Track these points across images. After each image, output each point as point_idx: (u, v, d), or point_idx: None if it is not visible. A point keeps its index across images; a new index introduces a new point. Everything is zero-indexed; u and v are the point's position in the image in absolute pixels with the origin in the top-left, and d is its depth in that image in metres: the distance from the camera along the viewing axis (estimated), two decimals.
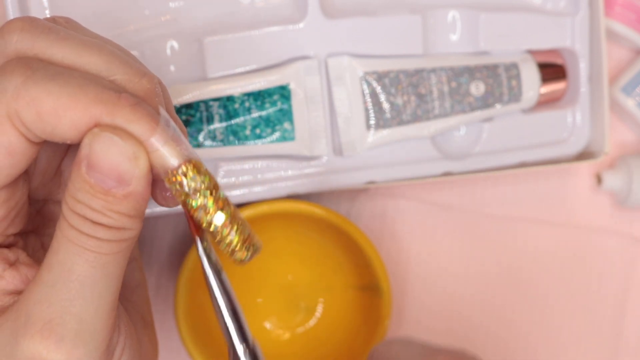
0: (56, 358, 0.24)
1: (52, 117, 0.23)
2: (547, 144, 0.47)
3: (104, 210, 0.24)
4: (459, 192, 0.50)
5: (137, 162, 0.24)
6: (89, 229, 0.24)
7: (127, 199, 0.24)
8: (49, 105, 0.23)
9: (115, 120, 0.24)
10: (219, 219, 0.26)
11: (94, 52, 0.25)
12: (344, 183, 0.44)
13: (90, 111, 0.24)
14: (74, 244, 0.24)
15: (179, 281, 0.43)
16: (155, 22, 0.41)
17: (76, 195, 0.24)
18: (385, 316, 0.44)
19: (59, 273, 0.24)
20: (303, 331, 0.49)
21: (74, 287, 0.24)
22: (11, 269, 0.26)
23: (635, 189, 0.48)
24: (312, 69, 0.42)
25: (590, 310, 0.51)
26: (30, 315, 0.24)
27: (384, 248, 0.49)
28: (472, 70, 0.45)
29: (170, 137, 0.25)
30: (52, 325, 0.24)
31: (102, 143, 0.24)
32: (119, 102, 0.24)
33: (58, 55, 0.25)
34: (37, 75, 0.24)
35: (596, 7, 0.45)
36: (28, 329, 0.24)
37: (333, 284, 0.48)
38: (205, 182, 0.25)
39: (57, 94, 0.23)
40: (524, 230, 0.50)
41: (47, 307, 0.24)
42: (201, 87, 0.41)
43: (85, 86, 0.24)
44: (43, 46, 0.25)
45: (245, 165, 0.42)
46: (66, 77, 0.24)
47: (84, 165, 0.24)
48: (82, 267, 0.24)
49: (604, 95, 0.45)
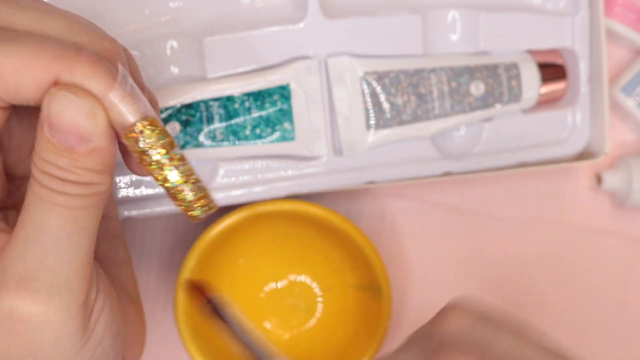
0: (33, 310, 0.25)
1: (13, 77, 0.24)
2: (547, 144, 0.47)
3: (70, 167, 0.24)
4: (459, 192, 0.50)
5: (95, 118, 0.24)
6: (58, 186, 0.25)
7: (91, 155, 0.25)
8: (9, 65, 0.24)
9: (74, 77, 0.24)
10: (174, 176, 0.26)
11: (54, 17, 0.26)
12: (344, 183, 0.44)
13: (50, 68, 0.24)
14: (45, 201, 0.25)
15: (179, 281, 0.43)
16: (155, 22, 0.41)
17: (42, 154, 0.24)
18: (385, 316, 0.44)
19: (31, 229, 0.25)
20: (303, 331, 0.48)
21: (46, 242, 0.25)
22: None
23: (635, 189, 0.48)
24: (312, 69, 0.42)
25: (590, 310, 0.51)
26: (6, 272, 0.25)
27: (384, 248, 0.49)
28: (472, 70, 0.45)
29: (128, 94, 0.25)
30: (27, 279, 0.25)
31: (58, 102, 0.24)
32: (78, 58, 0.24)
33: (19, 22, 0.25)
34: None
35: (596, 7, 0.45)
36: (4, 285, 0.25)
37: (333, 284, 0.48)
38: (160, 139, 0.25)
39: (16, 54, 0.24)
40: (524, 230, 0.50)
41: (22, 263, 0.25)
42: (201, 87, 0.41)
43: (45, 45, 0.24)
44: (4, 15, 0.25)
45: (245, 165, 0.42)
46: (25, 38, 0.24)
47: (45, 125, 0.24)
48: (54, 221, 0.25)
49: (604, 95, 0.45)
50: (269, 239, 0.47)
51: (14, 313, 0.25)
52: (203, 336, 0.45)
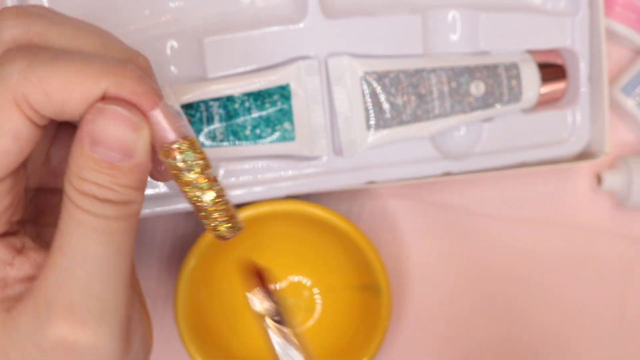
0: (83, 338, 0.25)
1: (61, 95, 0.24)
2: (547, 144, 0.47)
3: (110, 185, 0.24)
4: (459, 192, 0.50)
5: (141, 132, 0.24)
6: (98, 208, 0.24)
7: (133, 171, 0.25)
8: (57, 82, 0.23)
9: (122, 92, 0.24)
10: (208, 196, 0.26)
11: (89, 34, 0.26)
12: (344, 183, 0.44)
13: (99, 83, 0.24)
14: (85, 226, 0.24)
15: (179, 281, 0.43)
16: (155, 22, 0.41)
17: (81, 174, 0.24)
18: (385, 316, 0.44)
19: (73, 256, 0.25)
20: (303, 331, 0.48)
21: (90, 269, 0.25)
22: (20, 255, 0.26)
23: (635, 189, 0.48)
24: (312, 69, 0.42)
25: (590, 310, 0.51)
26: (51, 302, 0.25)
27: (384, 248, 0.49)
28: (472, 70, 0.45)
29: (170, 113, 0.25)
30: (74, 308, 0.25)
31: (107, 117, 0.24)
32: (125, 73, 0.24)
33: (55, 39, 0.25)
34: (41, 57, 0.24)
35: (596, 7, 0.45)
36: (51, 315, 0.25)
37: (333, 284, 0.48)
38: (198, 159, 0.26)
39: (64, 70, 0.23)
40: (524, 230, 0.50)
41: (67, 291, 0.25)
42: (201, 87, 0.41)
43: (90, 60, 0.24)
44: (39, 31, 0.25)
45: (245, 165, 0.42)
46: (69, 54, 0.24)
47: (87, 142, 0.24)
48: (95, 248, 0.25)
49: (604, 95, 0.45)
50: (269, 239, 0.47)
51: (64, 342, 0.25)
52: (203, 336, 0.45)
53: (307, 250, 0.48)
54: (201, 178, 0.26)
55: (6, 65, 0.24)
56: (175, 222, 0.48)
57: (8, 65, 0.24)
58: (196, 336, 0.44)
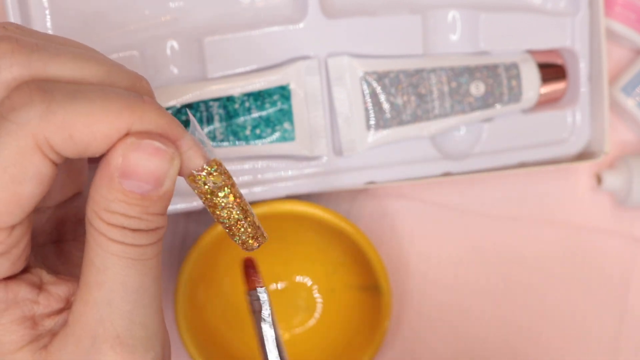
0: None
1: (85, 136, 0.23)
2: (547, 144, 0.47)
3: (140, 215, 0.24)
4: (459, 192, 0.50)
5: (174, 162, 0.24)
6: (131, 239, 0.24)
7: (161, 199, 0.25)
8: (81, 124, 0.23)
9: (149, 126, 0.24)
10: (238, 215, 0.27)
11: (91, 63, 0.25)
12: (344, 183, 0.44)
13: (123, 120, 0.23)
14: (120, 258, 0.24)
15: (179, 281, 0.43)
16: (155, 22, 0.41)
17: (109, 207, 0.24)
18: (385, 316, 0.44)
19: (112, 289, 0.25)
20: (303, 331, 0.49)
21: (132, 299, 0.25)
22: (42, 292, 0.26)
23: (635, 189, 0.48)
24: (312, 69, 0.42)
25: (590, 310, 0.51)
26: (97, 337, 0.25)
27: (384, 248, 0.49)
28: (472, 70, 0.45)
29: (194, 139, 0.25)
30: (121, 339, 0.25)
31: (142, 151, 0.24)
32: (145, 106, 0.24)
33: (57, 73, 0.24)
34: (58, 97, 0.23)
35: (596, 7, 0.45)
36: (99, 349, 0.25)
37: (333, 284, 0.48)
38: (224, 180, 0.26)
39: (86, 111, 0.23)
40: (524, 230, 0.50)
41: (111, 324, 0.25)
42: (201, 87, 0.41)
43: (108, 97, 0.24)
44: (39, 66, 0.24)
45: (245, 165, 0.42)
46: (85, 92, 0.23)
47: (116, 176, 0.24)
48: (134, 278, 0.25)
49: (604, 95, 0.45)
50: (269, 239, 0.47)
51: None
52: (203, 336, 0.45)
53: (307, 250, 0.48)
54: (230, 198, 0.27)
55: (24, 109, 0.23)
56: (175, 222, 0.48)
57: (26, 108, 0.23)
58: (196, 336, 0.44)
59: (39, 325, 0.26)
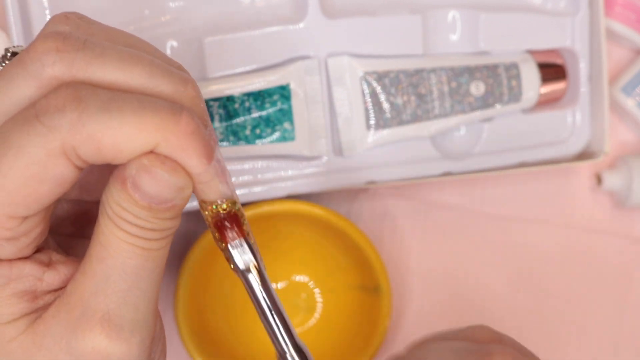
0: (116, 347, 0.25)
1: (112, 151, 0.23)
2: (547, 144, 0.47)
3: (148, 218, 0.25)
4: (459, 192, 0.50)
5: (183, 191, 0.25)
6: (137, 231, 0.25)
7: (170, 210, 0.25)
8: (108, 139, 0.23)
9: (172, 152, 0.24)
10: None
11: (134, 65, 0.25)
12: (344, 183, 0.44)
13: (150, 140, 0.24)
14: (125, 242, 0.25)
15: (179, 281, 0.43)
16: (155, 22, 0.41)
17: (120, 203, 0.24)
18: (385, 316, 0.44)
19: (112, 265, 0.25)
20: (303, 331, 0.48)
21: (129, 279, 0.25)
22: (50, 270, 0.26)
23: (635, 189, 0.48)
24: (312, 69, 0.42)
25: (590, 310, 0.51)
26: (87, 308, 0.25)
27: (384, 248, 0.49)
28: (472, 70, 0.45)
29: (217, 173, 0.25)
30: (110, 316, 0.25)
31: (150, 175, 0.24)
32: (177, 128, 0.24)
33: (99, 74, 0.24)
34: (91, 108, 0.23)
35: (596, 7, 0.45)
36: (87, 321, 0.25)
37: (333, 284, 0.48)
38: None
39: (116, 127, 0.23)
40: (524, 230, 0.50)
41: (104, 299, 0.25)
42: (201, 87, 0.41)
43: (142, 112, 0.23)
44: (81, 66, 0.24)
45: (245, 165, 0.42)
46: (120, 103, 0.23)
47: (129, 183, 0.24)
48: (135, 260, 0.25)
49: (604, 95, 0.45)
50: (269, 239, 0.47)
51: (97, 349, 0.25)
52: (203, 336, 0.45)
53: (307, 250, 0.48)
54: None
55: (56, 115, 0.23)
56: None
57: (58, 115, 0.23)
58: (196, 336, 0.44)
59: (40, 299, 0.26)
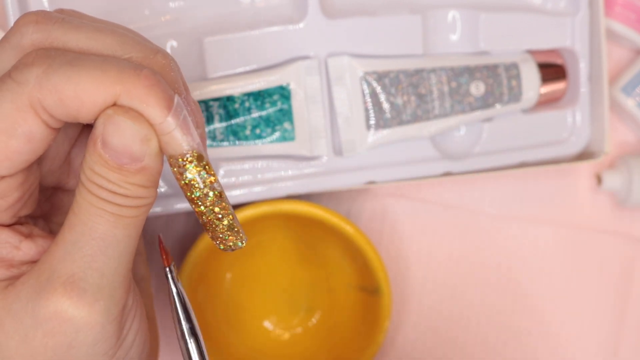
0: (77, 311, 0.25)
1: (74, 102, 0.24)
2: (547, 144, 0.47)
3: (119, 182, 0.25)
4: (459, 192, 0.50)
5: (149, 143, 0.25)
6: (108, 196, 0.25)
7: (141, 173, 0.25)
8: (70, 90, 0.24)
9: (132, 102, 0.24)
10: (211, 212, 0.27)
11: (107, 34, 0.26)
12: (344, 183, 0.44)
13: (111, 91, 0.24)
14: (95, 207, 0.25)
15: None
16: (155, 22, 0.41)
17: (93, 167, 0.25)
18: (385, 316, 0.44)
19: (81, 231, 0.25)
20: (303, 331, 0.49)
21: (96, 244, 0.25)
22: (27, 240, 0.27)
23: (635, 189, 0.48)
24: (312, 69, 0.42)
25: (590, 310, 0.51)
26: (54, 272, 0.25)
27: (384, 248, 0.49)
28: (472, 70, 0.45)
29: (180, 124, 0.25)
30: (74, 279, 0.25)
31: (114, 125, 0.24)
32: (138, 81, 0.24)
33: (73, 42, 0.26)
34: (56, 63, 0.24)
35: (596, 7, 0.45)
36: (51, 284, 0.25)
37: (333, 284, 0.48)
38: (203, 175, 0.26)
39: (77, 78, 0.24)
40: (524, 230, 0.51)
41: (70, 263, 0.25)
42: (201, 87, 0.41)
43: (104, 67, 0.24)
44: (58, 35, 0.26)
45: (245, 165, 0.42)
46: (84, 60, 0.25)
47: (99, 142, 0.25)
48: (104, 226, 0.25)
49: (604, 95, 0.45)
50: (269, 239, 0.47)
51: (59, 313, 0.25)
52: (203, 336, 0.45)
53: (307, 250, 0.48)
54: (209, 192, 0.26)
55: (25, 70, 0.24)
56: (175, 222, 0.48)
57: (26, 70, 0.24)
58: None
59: (14, 267, 0.27)
